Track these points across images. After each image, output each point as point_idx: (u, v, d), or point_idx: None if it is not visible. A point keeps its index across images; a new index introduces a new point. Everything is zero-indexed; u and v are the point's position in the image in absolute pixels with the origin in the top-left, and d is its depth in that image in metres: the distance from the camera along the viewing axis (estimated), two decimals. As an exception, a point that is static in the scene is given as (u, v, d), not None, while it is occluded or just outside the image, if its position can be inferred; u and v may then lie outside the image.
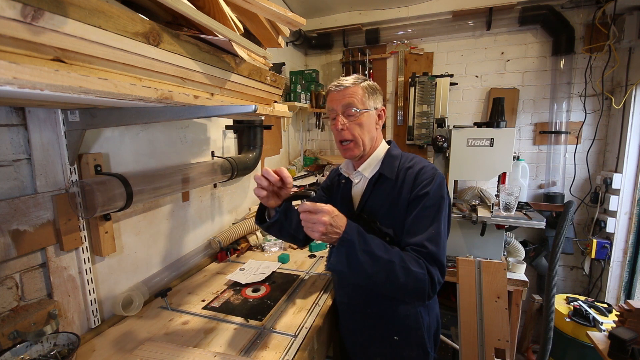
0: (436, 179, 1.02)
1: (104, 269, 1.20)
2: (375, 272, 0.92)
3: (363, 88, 1.09)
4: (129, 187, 1.09)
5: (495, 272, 1.80)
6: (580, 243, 2.61)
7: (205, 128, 1.79)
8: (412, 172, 1.06)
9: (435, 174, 1.03)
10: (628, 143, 2.30)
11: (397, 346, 1.10)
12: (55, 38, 0.52)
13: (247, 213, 2.19)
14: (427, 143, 2.89)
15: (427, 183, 1.01)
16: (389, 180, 1.08)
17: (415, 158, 1.12)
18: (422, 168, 1.06)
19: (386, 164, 1.11)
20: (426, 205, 1.00)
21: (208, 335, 1.11)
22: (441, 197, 1.01)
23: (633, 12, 2.18)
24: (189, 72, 0.83)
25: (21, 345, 0.88)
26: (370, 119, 1.10)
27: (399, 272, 0.91)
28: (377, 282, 0.94)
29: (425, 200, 1.00)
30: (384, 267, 0.91)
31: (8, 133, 0.91)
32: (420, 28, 2.83)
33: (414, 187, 1.03)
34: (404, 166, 1.09)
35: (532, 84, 2.68)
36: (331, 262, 0.96)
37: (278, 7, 1.01)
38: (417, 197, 1.01)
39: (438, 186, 1.01)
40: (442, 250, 0.98)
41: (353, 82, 1.10)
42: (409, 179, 1.05)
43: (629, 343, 1.40)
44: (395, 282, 0.92)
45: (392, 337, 1.10)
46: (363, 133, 1.08)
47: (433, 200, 1.00)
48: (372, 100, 1.10)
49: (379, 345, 1.13)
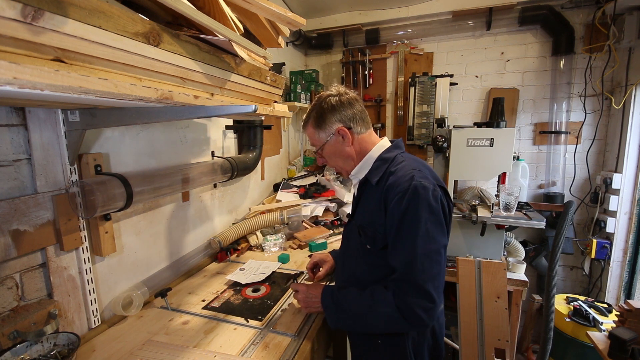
0: (408, 194, 0.92)
1: (104, 269, 1.20)
2: (359, 324, 1.03)
3: (312, 124, 1.11)
4: (129, 187, 1.09)
5: (495, 272, 1.80)
6: (580, 243, 2.61)
7: (205, 128, 1.79)
8: (388, 182, 0.98)
9: (408, 186, 0.92)
10: (628, 143, 2.30)
11: (380, 349, 1.09)
12: (56, 38, 0.52)
13: (247, 213, 2.19)
14: (427, 143, 2.89)
15: (398, 199, 0.93)
16: (372, 186, 1.05)
17: (403, 162, 1.03)
18: (397, 179, 0.96)
19: (375, 167, 1.07)
20: (397, 224, 0.94)
21: (208, 335, 1.11)
22: (415, 215, 0.91)
23: (633, 12, 2.18)
24: (189, 72, 0.83)
25: (21, 345, 0.88)
26: (333, 147, 1.10)
27: (373, 319, 0.99)
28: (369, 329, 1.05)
29: (395, 219, 0.94)
30: (361, 320, 1.01)
31: (8, 133, 0.91)
32: (420, 28, 2.83)
33: (388, 202, 0.97)
34: (389, 171, 1.02)
35: (532, 84, 2.68)
36: (330, 323, 1.09)
37: (278, 7, 1.01)
38: (390, 214, 0.96)
39: (410, 201, 0.91)
40: (423, 274, 0.91)
41: (305, 121, 1.14)
42: (385, 190, 0.99)
43: (629, 343, 1.40)
44: (378, 326, 1.01)
45: (377, 340, 1.09)
46: (335, 160, 1.14)
47: (404, 218, 0.92)
48: (323, 131, 1.09)
49: (365, 346, 1.13)
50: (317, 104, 1.10)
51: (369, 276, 1.08)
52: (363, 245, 1.08)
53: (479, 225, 1.95)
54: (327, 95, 1.09)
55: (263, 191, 2.52)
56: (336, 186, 2.45)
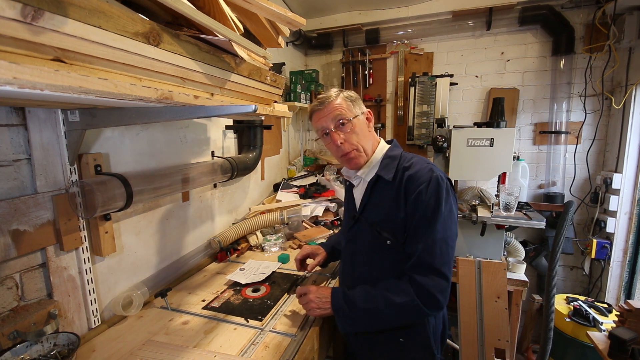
0: (431, 183, 0.98)
1: (104, 269, 1.20)
2: (374, 321, 1.03)
3: (344, 98, 1.09)
4: (129, 187, 1.09)
5: (495, 272, 1.81)
6: (580, 243, 2.61)
7: (205, 128, 1.79)
8: (407, 175, 1.02)
9: (430, 177, 0.99)
10: (628, 143, 2.30)
11: (403, 348, 1.09)
12: (55, 38, 0.52)
13: (247, 213, 2.19)
14: (427, 143, 2.89)
15: (422, 189, 0.98)
16: (387, 182, 1.06)
17: (414, 158, 1.08)
18: (417, 171, 1.02)
19: (384, 165, 1.09)
20: (421, 212, 0.98)
21: (208, 335, 1.11)
22: (436, 202, 0.97)
23: (633, 12, 2.18)
24: (189, 72, 0.83)
25: (21, 345, 0.88)
26: (362, 124, 1.11)
27: (389, 312, 1.00)
28: (384, 325, 1.05)
29: (419, 207, 0.98)
30: (376, 315, 1.02)
31: (8, 133, 0.91)
32: (420, 28, 2.83)
33: (409, 193, 1.00)
34: (402, 167, 1.06)
35: (532, 84, 2.68)
36: (341, 327, 1.08)
37: (278, 7, 1.01)
38: (412, 204, 0.99)
39: (433, 191, 0.98)
40: (441, 258, 0.97)
41: (334, 95, 1.10)
42: (405, 183, 1.02)
43: (629, 343, 1.40)
44: (394, 320, 1.02)
45: (398, 339, 1.09)
46: (361, 140, 1.09)
47: (427, 206, 0.97)
48: (356, 106, 1.10)
49: (384, 346, 1.12)
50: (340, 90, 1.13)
51: (391, 272, 1.07)
52: (381, 243, 1.07)
53: (479, 225, 1.95)
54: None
55: (263, 191, 2.52)
56: (336, 186, 2.45)
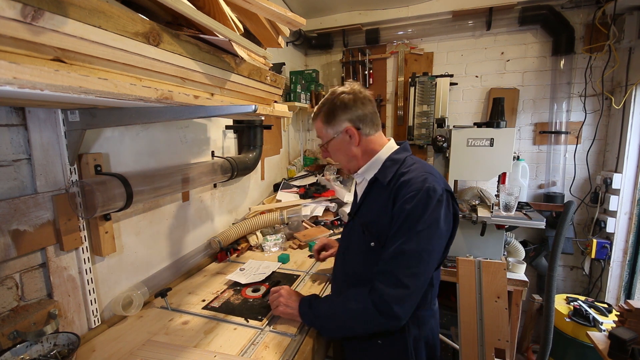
0: (420, 194, 0.93)
1: (104, 269, 1.20)
2: (338, 327, 1.05)
3: (322, 118, 1.10)
4: (129, 187, 1.09)
5: (495, 272, 1.80)
6: (580, 243, 2.61)
7: (205, 128, 1.79)
8: (401, 181, 0.99)
9: (421, 187, 0.94)
10: (628, 143, 2.30)
11: (381, 349, 1.09)
12: (55, 38, 0.52)
13: (247, 213, 2.19)
14: (427, 143, 2.89)
15: (408, 198, 0.94)
16: (382, 185, 1.05)
17: (415, 165, 1.04)
18: (410, 179, 0.98)
19: (384, 167, 1.07)
20: (401, 221, 0.95)
21: (208, 335, 1.11)
22: (420, 213, 0.93)
23: (633, 12, 2.18)
24: (189, 72, 0.83)
25: (21, 345, 0.88)
26: (339, 144, 1.10)
27: (346, 318, 1.01)
28: (348, 331, 1.06)
29: (401, 215, 0.95)
30: (335, 321, 1.05)
31: (8, 133, 0.91)
32: (420, 28, 2.83)
33: (397, 199, 0.98)
34: (400, 172, 1.03)
35: (532, 84, 2.68)
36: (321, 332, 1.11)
37: (278, 7, 1.01)
38: (397, 210, 0.97)
39: (419, 202, 0.93)
40: (407, 269, 0.93)
41: (316, 113, 1.13)
42: (397, 188, 0.99)
43: (629, 343, 1.40)
44: (355, 326, 1.01)
45: (376, 340, 1.09)
46: (339, 158, 1.14)
47: (409, 216, 0.94)
48: (331, 128, 1.08)
49: (365, 347, 1.13)
50: (330, 99, 1.08)
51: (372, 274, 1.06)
52: (367, 243, 1.07)
53: (479, 225, 1.95)
54: (341, 92, 1.07)
55: (263, 191, 2.52)
56: (336, 186, 2.45)
